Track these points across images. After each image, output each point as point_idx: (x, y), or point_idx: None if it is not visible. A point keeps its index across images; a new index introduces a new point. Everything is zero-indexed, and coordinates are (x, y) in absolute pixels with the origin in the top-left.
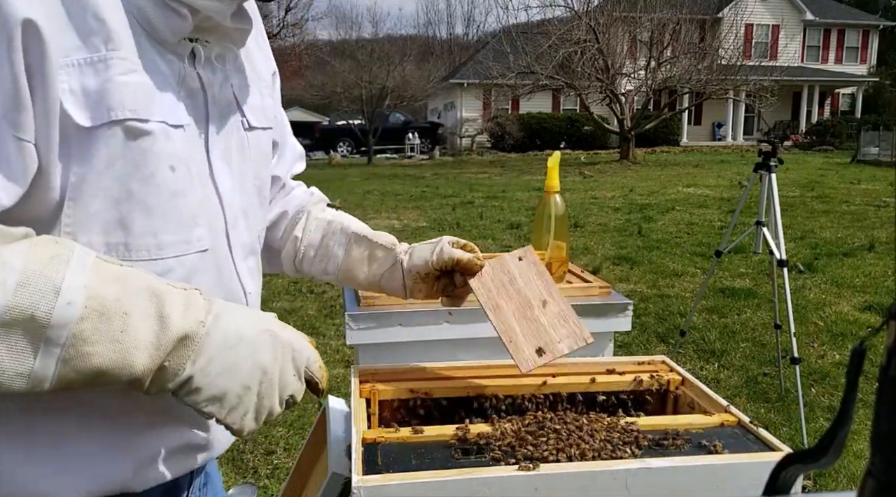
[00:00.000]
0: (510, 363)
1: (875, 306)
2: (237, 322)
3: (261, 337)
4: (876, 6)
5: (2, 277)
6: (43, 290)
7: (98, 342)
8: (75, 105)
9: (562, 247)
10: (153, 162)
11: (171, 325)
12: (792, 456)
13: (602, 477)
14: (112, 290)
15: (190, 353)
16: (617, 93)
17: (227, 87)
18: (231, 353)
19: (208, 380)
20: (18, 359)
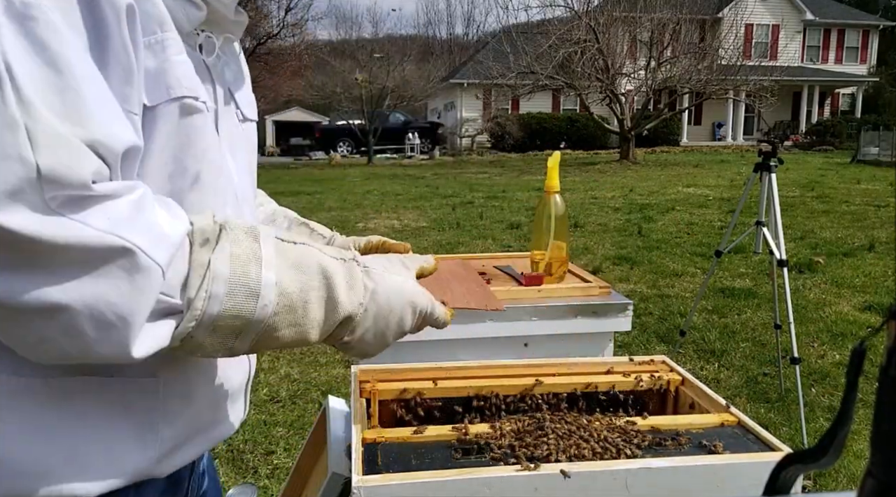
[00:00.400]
0: (510, 363)
1: (875, 306)
2: (388, 296)
3: (407, 308)
4: (876, 6)
5: (214, 289)
6: (246, 295)
7: (284, 328)
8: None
9: (562, 247)
10: (204, 139)
11: (338, 308)
12: (792, 456)
13: (602, 477)
14: (296, 282)
15: (350, 328)
16: (617, 93)
17: (229, 78)
18: (382, 322)
19: (362, 345)
20: (223, 343)
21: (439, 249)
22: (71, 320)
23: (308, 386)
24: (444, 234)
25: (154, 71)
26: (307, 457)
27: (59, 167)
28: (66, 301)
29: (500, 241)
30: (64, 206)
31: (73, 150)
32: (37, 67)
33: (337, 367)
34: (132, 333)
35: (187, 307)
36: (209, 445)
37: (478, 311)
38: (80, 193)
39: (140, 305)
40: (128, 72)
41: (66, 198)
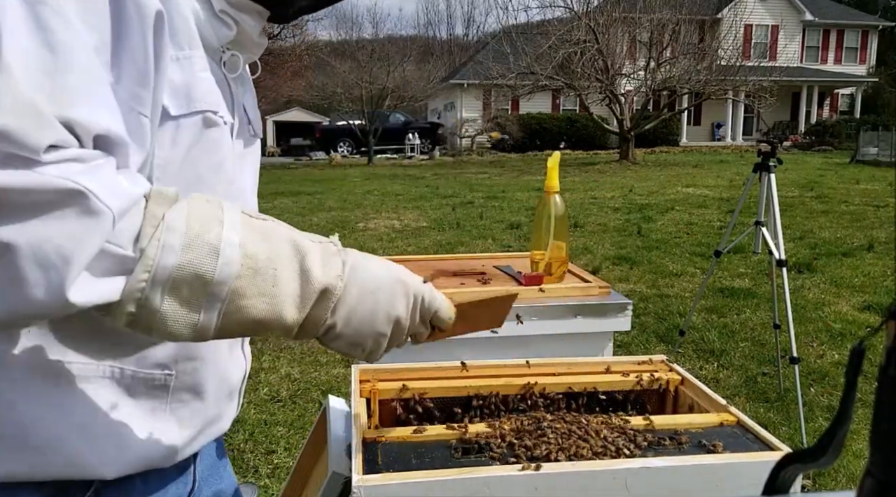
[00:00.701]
0: (510, 363)
1: (874, 306)
2: (373, 272)
3: (395, 286)
4: (875, 6)
5: (169, 240)
6: (205, 251)
7: (253, 297)
8: (169, 95)
9: (562, 247)
10: (220, 151)
11: (312, 280)
12: (791, 455)
13: (602, 477)
14: (262, 248)
15: (330, 305)
16: (616, 93)
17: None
18: (369, 300)
19: (350, 328)
20: (184, 313)
21: (439, 249)
22: (15, 261)
23: (308, 385)
24: (444, 234)
25: (181, 84)
26: (307, 456)
27: (17, 129)
28: (12, 239)
29: (500, 241)
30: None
31: (38, 118)
32: (33, 45)
33: (337, 366)
34: (70, 276)
35: (139, 257)
36: (210, 439)
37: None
38: (29, 155)
39: (84, 247)
40: (143, 75)
41: (15, 157)
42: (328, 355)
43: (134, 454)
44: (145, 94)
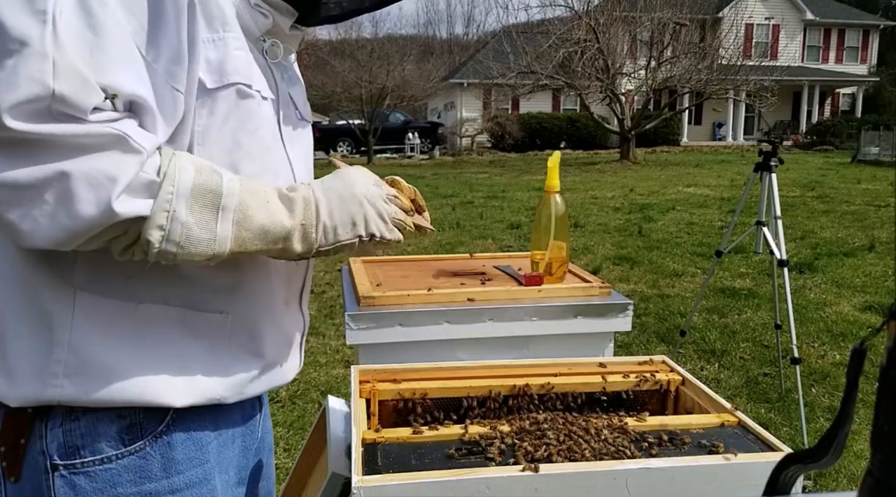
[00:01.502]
0: (511, 363)
1: (875, 306)
2: (328, 180)
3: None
4: (876, 6)
5: (184, 165)
6: (210, 173)
7: (256, 207)
8: (205, 71)
9: (562, 247)
10: (256, 120)
11: (293, 198)
12: (792, 456)
13: (602, 477)
14: (247, 181)
15: (313, 208)
16: (617, 93)
17: (288, 83)
18: (334, 192)
19: (337, 215)
20: (205, 226)
21: (439, 249)
22: (69, 184)
23: (308, 386)
24: (444, 234)
25: (216, 61)
26: (307, 457)
27: (71, 93)
28: (67, 169)
29: (500, 241)
30: (66, 118)
31: (85, 84)
32: (80, 26)
33: (337, 367)
34: (116, 191)
35: (163, 179)
36: (270, 386)
37: None
38: (78, 114)
39: (125, 171)
40: (178, 54)
41: (66, 115)
42: (328, 356)
43: (199, 387)
44: (179, 71)
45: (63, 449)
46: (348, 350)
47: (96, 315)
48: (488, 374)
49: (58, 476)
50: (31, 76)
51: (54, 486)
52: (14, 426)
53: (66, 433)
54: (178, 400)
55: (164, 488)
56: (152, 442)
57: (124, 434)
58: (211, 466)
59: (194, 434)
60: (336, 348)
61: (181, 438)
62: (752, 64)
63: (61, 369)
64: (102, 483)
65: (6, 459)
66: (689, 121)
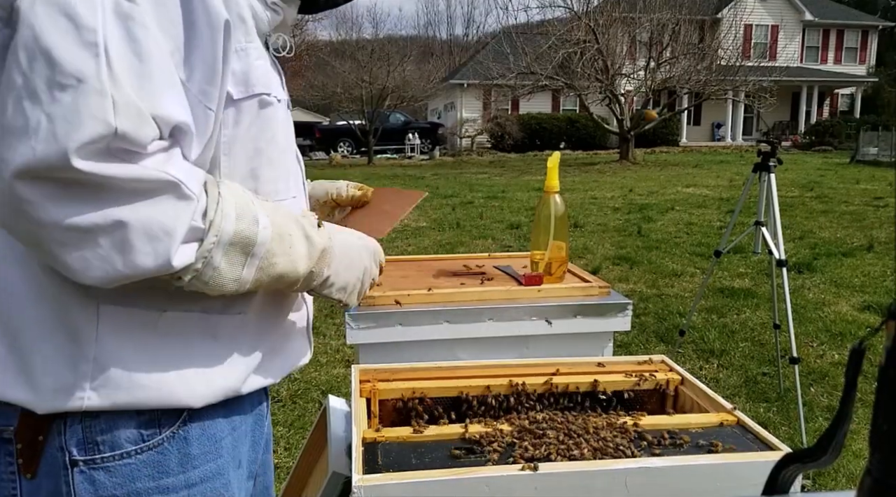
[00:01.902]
0: (510, 363)
1: (874, 306)
2: (344, 237)
3: (360, 243)
4: (875, 6)
5: (227, 212)
6: (250, 220)
7: (278, 255)
8: (231, 83)
9: (562, 247)
10: (274, 126)
11: (314, 243)
12: (791, 455)
13: (602, 477)
14: (279, 220)
15: (328, 260)
16: (616, 93)
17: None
18: (347, 258)
19: (339, 276)
20: (234, 269)
21: (439, 249)
22: (126, 235)
23: (308, 385)
24: (444, 234)
25: (240, 72)
26: (307, 456)
27: (131, 130)
28: (125, 218)
29: (500, 241)
30: (125, 155)
31: (142, 118)
32: (126, 55)
33: (337, 366)
34: (174, 246)
35: (209, 227)
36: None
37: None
38: (137, 149)
39: (181, 224)
40: (212, 73)
41: (126, 151)
42: (328, 356)
43: (217, 385)
44: (213, 90)
45: (82, 445)
46: (349, 349)
47: (120, 326)
48: (488, 374)
49: (77, 472)
50: (93, 115)
51: (73, 481)
52: (32, 424)
53: (86, 429)
54: (198, 400)
55: (181, 482)
56: (170, 438)
57: (143, 430)
58: (225, 461)
59: (209, 430)
60: (336, 348)
61: (197, 434)
62: (751, 64)
63: (88, 383)
64: (122, 478)
65: (22, 456)
66: (688, 121)
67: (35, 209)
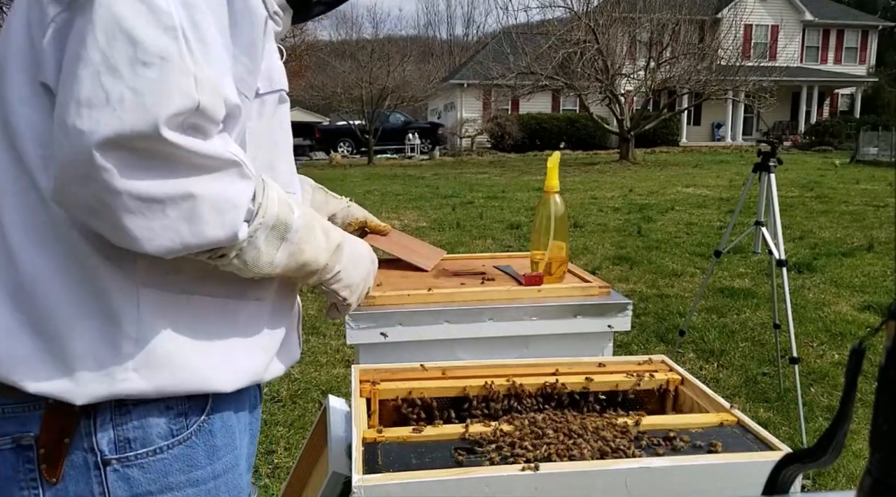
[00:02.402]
0: (510, 363)
1: (874, 306)
2: (352, 239)
3: (365, 250)
4: (875, 7)
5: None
6: (287, 207)
7: (306, 242)
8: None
9: (562, 247)
10: (287, 121)
11: (332, 237)
12: (791, 455)
13: (602, 477)
14: (304, 211)
15: (340, 256)
16: (616, 93)
17: None
18: (356, 256)
19: (347, 273)
20: (270, 251)
21: None
22: (196, 206)
23: (308, 385)
24: (444, 234)
25: (266, 68)
26: (307, 456)
27: (210, 106)
28: (196, 191)
29: (500, 241)
30: (199, 130)
31: (218, 96)
32: (196, 38)
33: (337, 366)
34: (240, 218)
35: (258, 208)
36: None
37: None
38: (211, 126)
39: (244, 201)
40: (252, 65)
41: (199, 127)
42: (328, 355)
43: (242, 371)
44: (251, 80)
45: (114, 443)
46: (349, 350)
47: (159, 308)
48: (488, 374)
49: (111, 470)
50: (180, 89)
51: (107, 480)
52: (56, 427)
53: (117, 427)
54: (227, 385)
55: (209, 474)
56: (196, 431)
57: (172, 424)
58: (239, 452)
59: (228, 421)
60: (336, 348)
61: (219, 426)
62: (751, 64)
63: (131, 363)
64: (155, 473)
65: (45, 462)
66: (688, 121)
67: (112, 176)
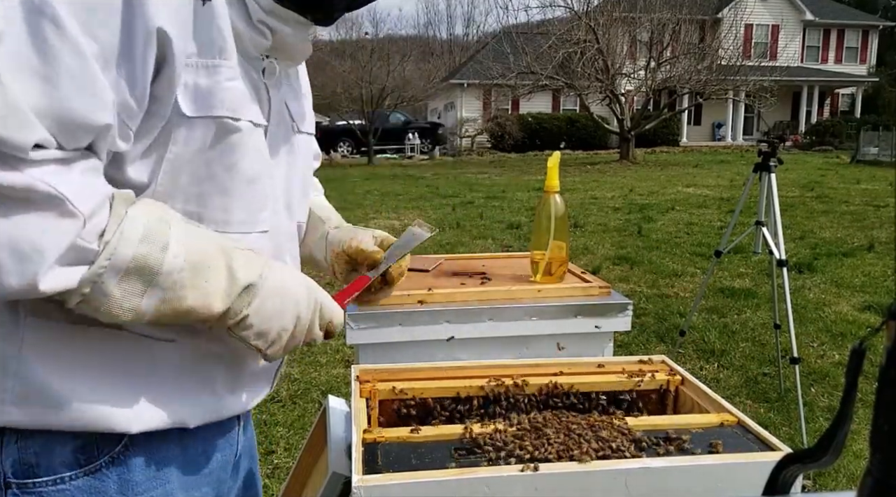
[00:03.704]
0: (510, 363)
1: (875, 306)
2: (284, 277)
3: (301, 290)
4: (875, 6)
5: (129, 234)
6: (158, 245)
7: (190, 288)
8: (185, 97)
9: (562, 247)
10: (237, 153)
11: (237, 278)
12: (792, 456)
13: (602, 477)
14: (199, 247)
15: (249, 299)
16: (617, 93)
17: (286, 95)
18: (278, 300)
19: (259, 319)
20: (129, 298)
21: (439, 250)
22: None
23: (308, 386)
24: (444, 234)
25: (204, 89)
26: (307, 456)
27: (3, 132)
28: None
29: (500, 241)
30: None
31: (23, 121)
32: (26, 51)
33: (337, 366)
34: (43, 268)
35: (102, 249)
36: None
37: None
38: (15, 154)
39: (56, 244)
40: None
41: (6, 155)
42: (328, 356)
43: (155, 412)
44: (134, 101)
45: (18, 466)
46: (348, 350)
47: (45, 341)
48: (488, 374)
49: (11, 494)
50: None
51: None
52: None
53: (21, 450)
54: (134, 426)
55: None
56: (108, 464)
57: (79, 454)
58: (173, 486)
59: (156, 454)
60: (336, 348)
61: (140, 460)
62: (752, 64)
63: (7, 397)
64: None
65: None
66: (689, 121)
67: None
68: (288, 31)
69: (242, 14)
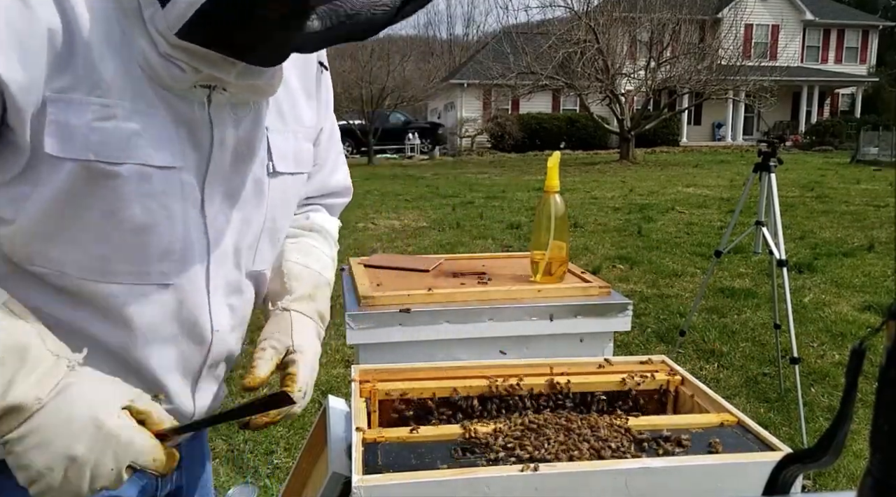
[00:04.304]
0: (509, 363)
1: (875, 306)
2: (73, 405)
3: (85, 426)
4: (875, 6)
5: None
6: None
7: None
8: (52, 134)
9: (562, 247)
10: (118, 200)
11: (10, 394)
12: (792, 456)
13: (602, 477)
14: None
15: (15, 423)
16: (617, 93)
17: (253, 131)
18: (50, 432)
19: (20, 448)
20: None
21: (439, 249)
22: None
23: None
24: (444, 234)
25: (73, 128)
26: (307, 456)
27: None
28: None
29: (500, 241)
30: None
31: None
32: None
33: (337, 366)
34: None
35: None
36: None
37: None
38: None
39: None
40: None
41: None
42: (328, 355)
43: None
44: None
45: None
46: (348, 350)
47: None
48: (488, 374)
49: None
50: None
51: None
52: None
53: None
54: None
55: None
56: None
57: None
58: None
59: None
60: (336, 348)
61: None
62: (752, 64)
63: None
64: None
65: None
66: (689, 121)
67: None
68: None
69: (152, 46)
